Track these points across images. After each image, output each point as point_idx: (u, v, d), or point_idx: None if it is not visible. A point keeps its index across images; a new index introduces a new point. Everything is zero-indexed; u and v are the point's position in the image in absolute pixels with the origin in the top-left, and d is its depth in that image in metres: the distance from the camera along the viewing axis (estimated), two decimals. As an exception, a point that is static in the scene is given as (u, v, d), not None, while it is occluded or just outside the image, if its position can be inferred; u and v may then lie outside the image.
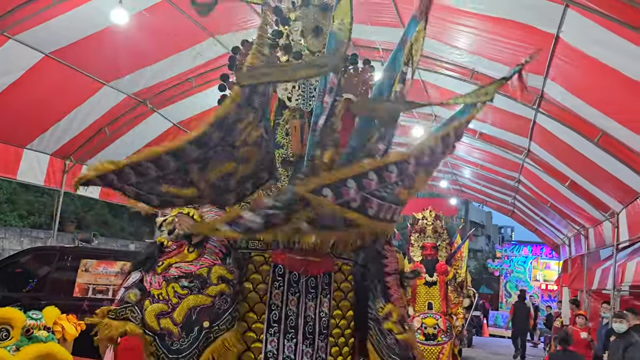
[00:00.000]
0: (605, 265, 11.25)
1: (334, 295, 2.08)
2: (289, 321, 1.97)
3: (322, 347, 1.99)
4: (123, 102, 8.81)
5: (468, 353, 14.85)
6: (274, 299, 1.98)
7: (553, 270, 20.98)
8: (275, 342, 1.94)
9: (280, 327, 1.96)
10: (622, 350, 6.65)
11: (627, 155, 7.32)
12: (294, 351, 1.93)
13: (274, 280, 1.98)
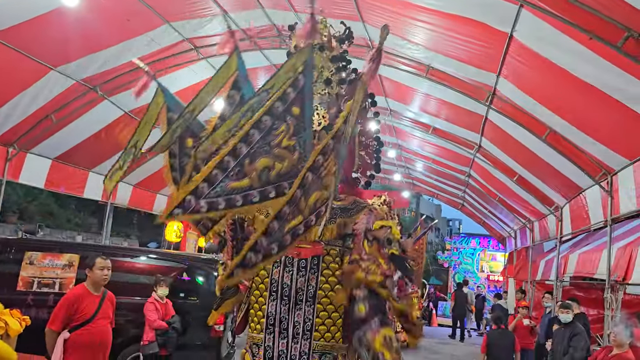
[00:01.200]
0: (548, 257, 11.73)
1: (323, 273, 2.69)
2: (284, 291, 2.67)
3: (309, 311, 2.67)
4: (71, 88, 8.44)
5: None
6: (274, 275, 2.69)
7: (499, 262, 21.70)
8: (274, 306, 2.68)
9: (277, 295, 2.67)
10: (568, 339, 6.96)
11: (572, 152, 7.63)
12: (287, 313, 2.66)
13: (274, 262, 2.62)
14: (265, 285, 2.72)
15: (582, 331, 7.00)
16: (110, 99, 9.03)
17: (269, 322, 2.68)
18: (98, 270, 4.71)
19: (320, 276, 2.68)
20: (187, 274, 7.79)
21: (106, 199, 11.56)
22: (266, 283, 2.72)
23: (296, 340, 2.64)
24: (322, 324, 2.68)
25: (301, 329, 2.65)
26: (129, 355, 7.22)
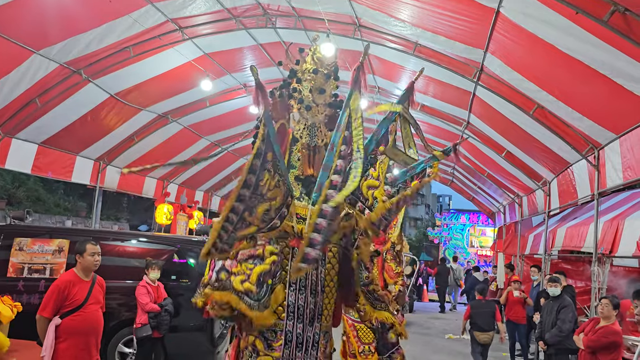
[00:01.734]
0: (537, 232, 11.87)
1: (327, 267, 3.13)
2: (300, 283, 3.05)
3: (320, 298, 3.11)
4: (55, 71, 8.30)
5: (410, 318, 15.39)
6: (292, 267, 2.97)
7: (489, 237, 21.94)
8: (293, 295, 3.04)
9: (296, 286, 3.04)
10: (556, 312, 7.09)
11: (560, 127, 7.67)
12: (302, 300, 3.05)
13: (292, 257, 3.00)
14: (283, 275, 3.05)
15: (570, 304, 7.13)
16: (95, 81, 8.91)
17: (290, 310, 3.03)
18: (89, 257, 4.69)
19: (324, 270, 3.13)
20: (178, 257, 7.80)
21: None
22: (283, 275, 3.04)
23: (311, 324, 3.07)
24: (326, 309, 3.17)
25: (315, 314, 3.09)
26: (122, 339, 7.27)
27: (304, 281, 3.05)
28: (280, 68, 11.01)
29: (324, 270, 3.11)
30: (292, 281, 3.04)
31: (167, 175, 14.38)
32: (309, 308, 3.06)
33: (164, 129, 11.81)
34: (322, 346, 3.12)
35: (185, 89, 10.53)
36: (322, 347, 3.13)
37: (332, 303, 3.20)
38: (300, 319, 3.04)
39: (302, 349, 3.03)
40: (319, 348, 3.10)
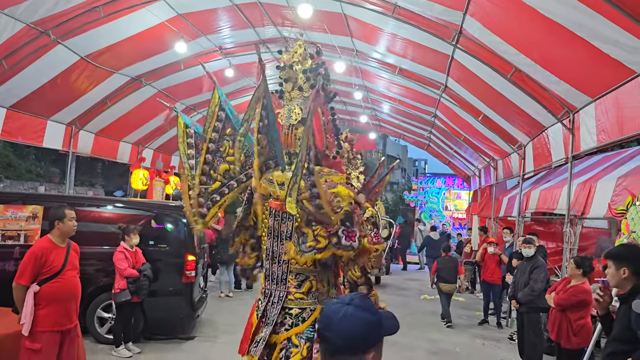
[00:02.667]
0: (511, 194, 12.09)
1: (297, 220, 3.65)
2: (274, 232, 3.75)
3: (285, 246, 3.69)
4: (21, 32, 7.95)
5: (386, 280, 15.69)
6: (269, 222, 3.75)
7: (464, 200, 22.26)
8: (269, 241, 3.78)
9: (271, 235, 3.77)
10: (529, 272, 7.29)
11: (536, 91, 7.72)
12: (277, 246, 3.73)
13: (270, 214, 3.74)
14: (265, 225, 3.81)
15: (543, 264, 7.33)
16: (64, 43, 8.58)
17: (267, 254, 3.82)
18: (69, 222, 4.63)
19: (294, 222, 3.69)
20: (155, 222, 7.75)
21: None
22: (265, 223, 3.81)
23: (281, 265, 3.76)
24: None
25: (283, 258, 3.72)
26: (101, 304, 7.26)
27: (276, 231, 3.76)
28: (255, 29, 10.80)
29: (289, 224, 3.72)
30: (268, 232, 3.80)
31: (142, 140, 14.14)
32: (278, 252, 3.75)
33: (138, 92, 11.52)
34: (290, 282, 3.77)
35: (159, 51, 10.24)
36: (292, 284, 3.77)
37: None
38: (275, 260, 3.78)
39: (276, 282, 3.82)
40: (287, 282, 3.78)
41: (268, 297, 3.83)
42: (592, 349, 5.26)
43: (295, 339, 3.72)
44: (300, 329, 3.75)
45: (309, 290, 3.78)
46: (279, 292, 3.79)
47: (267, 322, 3.78)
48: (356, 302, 1.61)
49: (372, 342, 1.58)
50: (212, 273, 12.67)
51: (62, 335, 4.47)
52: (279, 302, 3.78)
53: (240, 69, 12.27)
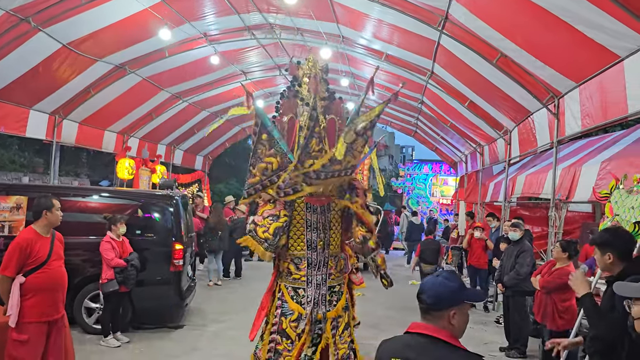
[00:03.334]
0: (497, 180, 12.18)
1: (332, 213, 4.63)
2: (313, 224, 4.53)
3: (328, 235, 4.60)
4: (1, 19, 7.75)
5: (374, 266, 15.77)
6: (307, 216, 4.54)
7: (451, 186, 22.37)
8: (310, 233, 4.53)
9: (310, 227, 4.53)
10: (515, 257, 7.38)
11: (522, 76, 7.75)
12: (316, 237, 4.53)
13: (307, 209, 4.53)
14: (302, 222, 4.54)
15: (529, 249, 7.41)
16: (45, 30, 8.40)
17: (308, 244, 4.54)
18: (57, 212, 4.59)
19: (330, 215, 4.60)
20: (142, 211, 7.70)
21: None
22: (302, 221, 4.54)
23: (322, 252, 4.56)
24: (333, 241, 4.65)
25: (324, 245, 4.56)
26: (89, 294, 7.23)
27: (314, 224, 4.53)
28: (240, 16, 10.71)
29: (329, 215, 4.58)
30: (307, 224, 4.53)
31: (127, 129, 14.00)
32: (320, 241, 4.54)
33: (122, 80, 11.37)
34: (331, 265, 4.58)
35: (143, 38, 10.09)
36: (332, 265, 4.59)
37: (337, 237, 4.69)
38: (315, 249, 4.53)
39: (317, 268, 4.52)
40: (328, 265, 4.56)
41: (309, 282, 4.53)
42: (577, 330, 5.34)
43: (342, 311, 4.61)
44: (343, 302, 4.63)
45: (341, 269, 4.72)
46: (322, 276, 4.54)
47: (320, 302, 4.49)
48: (443, 274, 2.22)
49: (453, 302, 2.12)
50: (200, 262, 12.66)
51: (49, 325, 4.44)
52: (323, 283, 4.54)
53: (225, 56, 12.15)
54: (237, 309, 8.99)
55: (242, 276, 12.24)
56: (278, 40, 11.72)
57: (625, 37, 5.14)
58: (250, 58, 13.19)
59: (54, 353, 4.47)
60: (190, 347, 6.92)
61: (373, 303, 10.24)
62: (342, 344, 4.54)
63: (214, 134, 18.75)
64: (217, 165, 23.79)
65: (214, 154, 21.75)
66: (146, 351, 6.69)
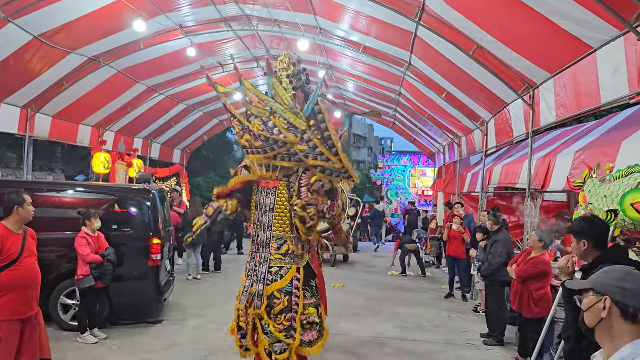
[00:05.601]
0: (475, 170, 12.30)
1: (278, 195, 4.86)
2: (260, 206, 4.89)
3: (272, 216, 4.85)
4: (-31, 10, 7.60)
5: (354, 258, 15.86)
6: (256, 198, 4.95)
7: (429, 177, 22.58)
8: (257, 213, 4.93)
9: (257, 208, 4.93)
10: (490, 247, 7.49)
11: (498, 68, 7.81)
12: (262, 218, 4.87)
13: (257, 191, 4.95)
14: (253, 203, 5.00)
15: (502, 239, 7.51)
16: (15, 22, 8.18)
17: (254, 223, 4.96)
18: (29, 207, 4.49)
19: (276, 197, 4.85)
20: (118, 206, 7.60)
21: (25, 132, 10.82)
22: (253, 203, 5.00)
23: (266, 231, 4.87)
24: (277, 223, 4.85)
25: (268, 225, 4.85)
26: (64, 291, 7.11)
27: (262, 205, 4.88)
28: (217, 7, 10.59)
29: (274, 198, 4.83)
30: (255, 206, 4.96)
31: (103, 122, 13.77)
32: (265, 222, 4.86)
33: (97, 73, 11.16)
34: (273, 246, 4.82)
35: (117, 30, 9.91)
36: (274, 247, 4.83)
37: (284, 220, 4.84)
38: (261, 228, 4.89)
39: (261, 247, 4.88)
40: (270, 246, 4.83)
41: (253, 259, 4.90)
42: (553, 317, 5.44)
43: (277, 293, 4.73)
44: (281, 284, 4.74)
45: (286, 253, 4.82)
46: (265, 254, 4.84)
47: (258, 279, 4.79)
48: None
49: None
50: (179, 256, 12.56)
51: (22, 323, 4.35)
52: (265, 262, 4.82)
53: (202, 48, 12.01)
54: (217, 303, 8.94)
55: (222, 270, 12.19)
56: (255, 32, 11.62)
57: (598, 28, 5.22)
58: (227, 50, 13.06)
59: (28, 351, 4.39)
60: (169, 342, 6.87)
61: (354, 294, 10.29)
62: (277, 325, 4.69)
63: (191, 127, 18.58)
64: (195, 158, 23.57)
65: (192, 147, 21.54)
66: (124, 347, 6.62)
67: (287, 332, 4.68)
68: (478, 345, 7.29)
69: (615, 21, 4.92)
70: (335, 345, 6.90)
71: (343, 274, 12.71)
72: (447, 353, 6.94)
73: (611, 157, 5.55)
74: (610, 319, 1.81)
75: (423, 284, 12.14)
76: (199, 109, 17.11)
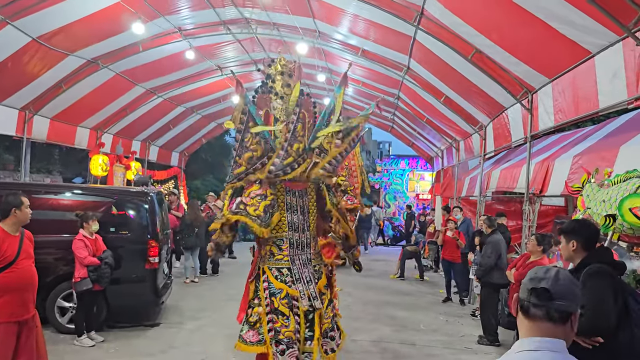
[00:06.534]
0: (473, 174, 12.30)
1: (308, 197, 5.01)
2: (292, 207, 4.89)
3: (307, 217, 4.97)
4: (-33, 12, 7.59)
5: (352, 261, 15.82)
6: (287, 199, 4.88)
7: (427, 181, 22.54)
8: (291, 215, 4.86)
9: (290, 209, 4.87)
10: (482, 249, 7.54)
11: (496, 72, 7.83)
12: (297, 219, 4.88)
13: (286, 192, 4.88)
14: (283, 205, 4.87)
15: (493, 241, 7.57)
16: (13, 23, 8.17)
17: (290, 225, 4.87)
18: (26, 209, 4.47)
19: (307, 199, 4.99)
20: (116, 208, 7.58)
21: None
22: (283, 204, 4.87)
23: (303, 232, 4.93)
24: (312, 223, 5.02)
25: (305, 227, 4.95)
26: (61, 293, 7.09)
27: (296, 207, 4.90)
28: (216, 10, 10.60)
29: (307, 199, 4.97)
30: (287, 207, 4.87)
31: (101, 124, 13.75)
32: (301, 223, 4.91)
33: (95, 75, 11.15)
34: (312, 246, 4.96)
35: (116, 32, 9.90)
36: (312, 247, 4.97)
37: (314, 219, 5.05)
38: (297, 230, 4.88)
39: (300, 248, 4.88)
40: (310, 247, 4.94)
41: (293, 261, 4.84)
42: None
43: (324, 289, 4.95)
44: (324, 281, 4.96)
45: (317, 251, 5.09)
46: (306, 255, 4.91)
47: (304, 280, 4.81)
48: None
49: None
50: (176, 259, 12.53)
51: (19, 326, 4.33)
52: (308, 262, 4.91)
53: (200, 50, 12.02)
54: (215, 306, 8.92)
55: (219, 273, 12.16)
56: (254, 35, 11.63)
57: (596, 33, 5.23)
58: (226, 53, 13.07)
59: (25, 354, 4.36)
60: (167, 345, 6.85)
61: (352, 298, 10.27)
62: (326, 319, 4.87)
63: (189, 130, 18.56)
64: (193, 161, 23.55)
65: (190, 150, 21.53)
66: (121, 350, 6.59)
67: (332, 321, 4.96)
68: (475, 350, 7.28)
69: (614, 26, 4.94)
70: (333, 349, 6.88)
71: (341, 277, 12.60)
72: (444, 357, 6.92)
73: (609, 161, 5.55)
74: (518, 316, 1.79)
75: (421, 287, 12.12)
76: (197, 111, 17.11)
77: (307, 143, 4.77)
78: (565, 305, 1.68)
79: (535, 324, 1.69)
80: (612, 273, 3.20)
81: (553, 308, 1.67)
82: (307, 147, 4.77)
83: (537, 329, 1.69)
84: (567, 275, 1.76)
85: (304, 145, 4.76)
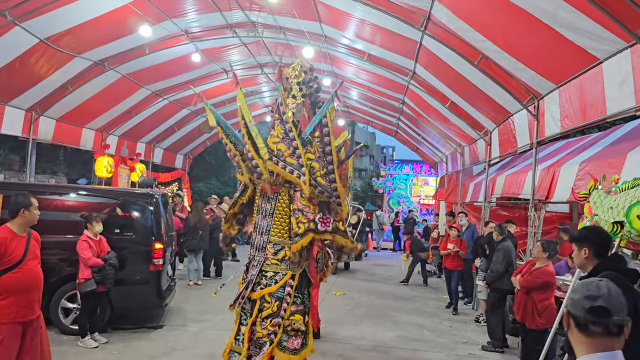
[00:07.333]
0: (477, 180, 12.27)
1: (279, 200, 4.83)
2: (261, 210, 4.89)
3: (271, 220, 4.83)
4: (-24, 13, 7.63)
5: (355, 266, 15.81)
6: (258, 202, 4.94)
7: (431, 186, 22.54)
8: (258, 217, 4.91)
9: (258, 212, 4.93)
10: (493, 255, 7.52)
11: (503, 78, 7.81)
12: (262, 221, 4.86)
13: (260, 195, 4.93)
14: (255, 207, 4.99)
15: (502, 248, 7.57)
16: (22, 25, 8.22)
17: (255, 227, 4.93)
18: (35, 210, 4.48)
19: (277, 202, 4.84)
20: (121, 210, 7.59)
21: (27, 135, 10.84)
22: (255, 207, 5.00)
23: (262, 235, 4.85)
24: (275, 228, 4.81)
25: (265, 230, 4.84)
26: (66, 294, 7.09)
27: (263, 209, 4.88)
28: (222, 13, 10.60)
29: (275, 203, 4.82)
30: (258, 210, 4.94)
31: (106, 126, 13.80)
32: (263, 226, 4.85)
33: (101, 77, 11.19)
34: (269, 250, 4.78)
35: (123, 34, 9.95)
36: (270, 251, 4.78)
37: (282, 225, 4.80)
38: (259, 233, 4.88)
39: (258, 250, 4.87)
40: (267, 250, 4.79)
41: (250, 261, 4.92)
42: (556, 329, 5.40)
43: (268, 297, 4.69)
44: (272, 289, 4.70)
45: (282, 258, 4.76)
46: (259, 257, 4.82)
47: (248, 280, 4.81)
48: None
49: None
50: (180, 261, 12.53)
51: (24, 326, 4.33)
52: (257, 265, 4.81)
53: (207, 53, 12.05)
54: (218, 308, 8.90)
55: (223, 276, 12.15)
56: (260, 38, 11.66)
57: (604, 39, 5.22)
58: (232, 56, 13.10)
59: (29, 354, 4.37)
60: (170, 347, 6.84)
61: (355, 302, 10.25)
62: (262, 329, 4.65)
63: (194, 132, 18.60)
64: (197, 163, 23.59)
65: (194, 153, 21.56)
66: (125, 352, 6.59)
67: (269, 337, 4.62)
68: (479, 356, 7.24)
69: (622, 32, 4.92)
70: (336, 353, 6.87)
71: (344, 281, 12.67)
72: (448, 363, 6.89)
73: (616, 168, 5.53)
74: (571, 331, 1.83)
75: (425, 292, 12.09)
76: (202, 114, 17.14)
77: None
78: (621, 319, 1.75)
79: (596, 340, 1.76)
80: (626, 281, 3.19)
81: (612, 324, 1.73)
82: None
83: (599, 344, 1.76)
84: (616, 288, 1.82)
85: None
